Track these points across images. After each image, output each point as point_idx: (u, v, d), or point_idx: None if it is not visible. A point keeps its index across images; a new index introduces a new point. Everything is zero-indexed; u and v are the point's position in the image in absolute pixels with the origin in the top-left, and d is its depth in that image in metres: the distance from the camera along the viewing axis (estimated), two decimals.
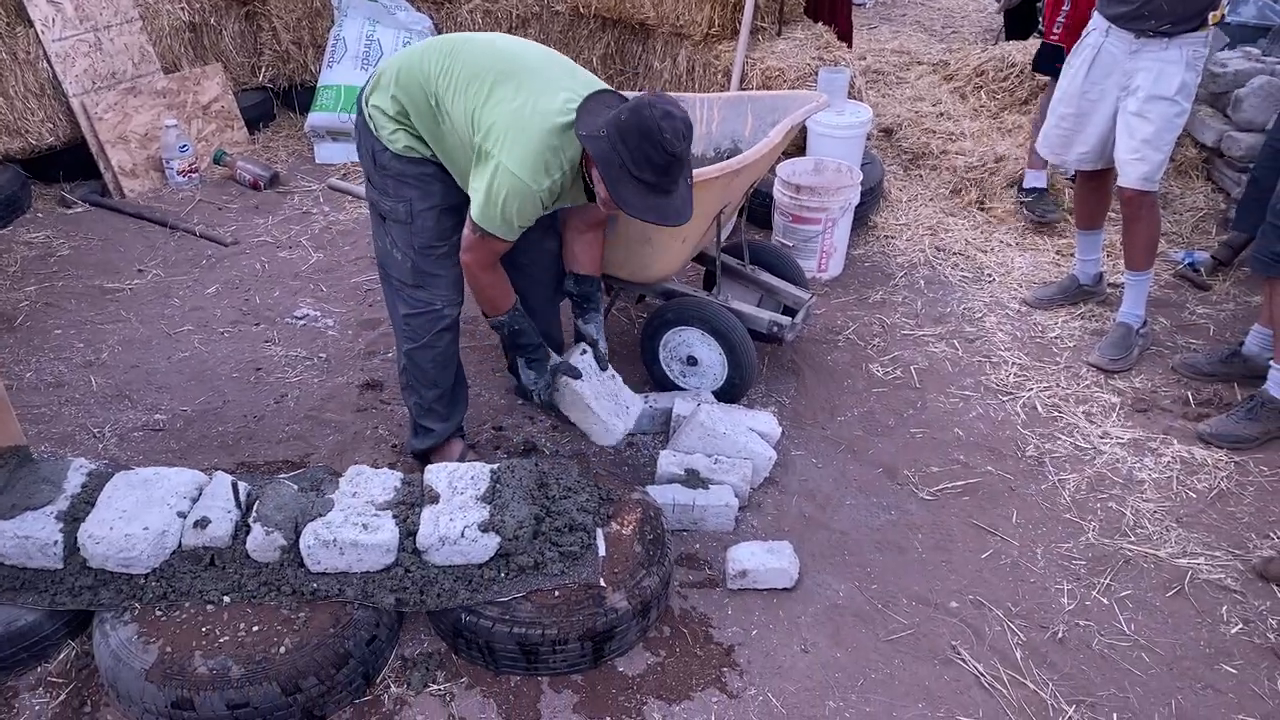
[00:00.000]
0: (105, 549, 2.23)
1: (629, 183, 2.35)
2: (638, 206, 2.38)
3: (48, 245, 4.36)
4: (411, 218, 2.65)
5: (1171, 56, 3.27)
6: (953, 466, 3.11)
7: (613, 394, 2.98)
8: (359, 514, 2.33)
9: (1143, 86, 3.33)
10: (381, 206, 2.69)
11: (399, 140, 2.59)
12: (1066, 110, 3.59)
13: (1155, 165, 3.39)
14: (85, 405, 3.30)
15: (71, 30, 4.64)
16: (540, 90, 2.44)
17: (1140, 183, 3.41)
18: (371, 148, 2.64)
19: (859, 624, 2.52)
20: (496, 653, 2.28)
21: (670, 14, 4.94)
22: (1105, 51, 3.40)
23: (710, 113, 3.60)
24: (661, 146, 2.29)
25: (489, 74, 2.46)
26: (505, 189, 2.39)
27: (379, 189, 2.68)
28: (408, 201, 2.64)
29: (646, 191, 2.37)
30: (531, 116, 2.40)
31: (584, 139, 2.33)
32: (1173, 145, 3.42)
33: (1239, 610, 2.58)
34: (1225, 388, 3.45)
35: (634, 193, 2.36)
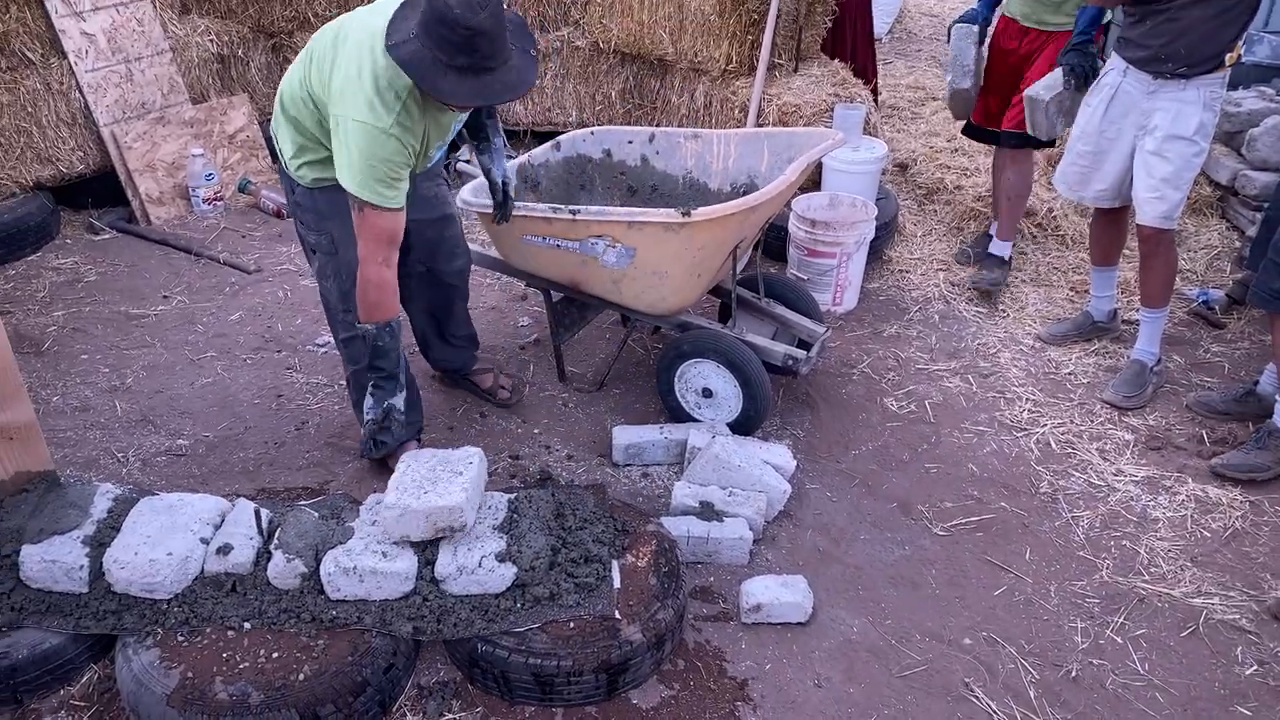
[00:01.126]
0: (130, 574, 2.27)
1: (446, 74, 2.26)
2: (460, 94, 2.29)
3: (76, 271, 4.45)
4: (335, 247, 2.76)
5: (1189, 97, 3.30)
6: (966, 502, 3.12)
7: None
8: (379, 542, 2.37)
9: (1161, 126, 3.36)
10: (308, 240, 2.82)
11: (306, 175, 2.67)
12: (1084, 148, 3.62)
13: (1173, 204, 3.41)
14: (110, 430, 3.36)
15: (104, 62, 4.76)
16: (360, 31, 2.41)
17: (1159, 220, 3.43)
18: (291, 187, 2.76)
19: (872, 659, 2.53)
20: (512, 683, 2.30)
21: (689, 50, 5.02)
22: (1123, 91, 3.44)
23: (727, 148, 3.66)
24: (456, 24, 2.20)
25: (329, 46, 2.49)
26: (358, 141, 2.33)
27: (302, 223, 2.80)
28: (328, 234, 2.75)
29: (468, 76, 2.28)
30: (358, 60, 2.36)
31: (391, 50, 2.27)
32: (1191, 184, 3.45)
33: (1254, 652, 2.57)
34: (1240, 426, 3.45)
35: (453, 82, 2.27)
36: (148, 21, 4.90)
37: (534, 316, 4.14)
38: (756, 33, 4.78)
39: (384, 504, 2.33)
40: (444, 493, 2.33)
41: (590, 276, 3.23)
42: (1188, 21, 3.19)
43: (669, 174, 3.74)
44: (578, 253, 3.16)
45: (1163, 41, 3.26)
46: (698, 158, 3.70)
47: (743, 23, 4.78)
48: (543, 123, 5.79)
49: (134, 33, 4.85)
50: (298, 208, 2.76)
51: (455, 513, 2.31)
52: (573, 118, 5.68)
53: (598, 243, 3.10)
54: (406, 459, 2.49)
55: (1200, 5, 3.15)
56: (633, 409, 3.54)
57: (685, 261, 3.08)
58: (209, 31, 5.28)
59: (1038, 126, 3.77)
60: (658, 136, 3.74)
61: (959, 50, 4.09)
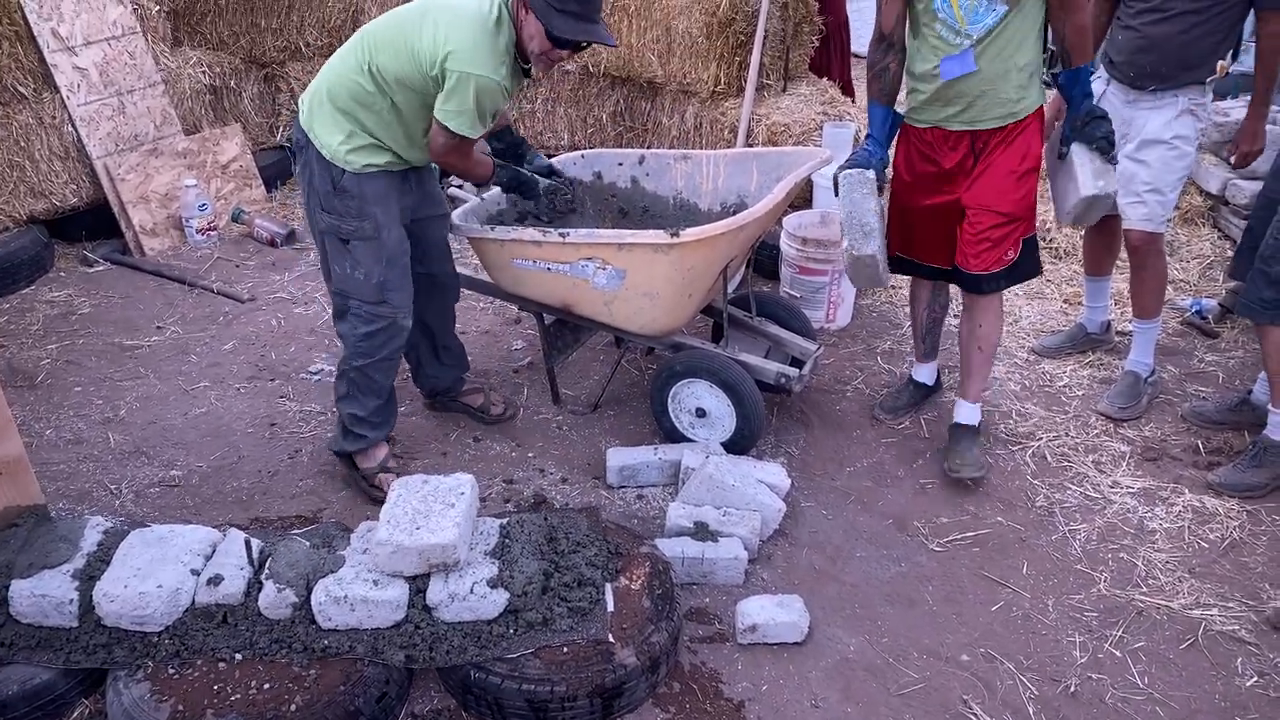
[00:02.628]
0: (119, 607, 2.26)
1: (558, 17, 2.63)
2: (573, 30, 2.66)
3: (69, 304, 4.46)
4: (378, 231, 2.90)
5: (1167, 102, 3.33)
6: (962, 517, 3.11)
7: None
8: (370, 570, 2.36)
9: (1139, 132, 3.40)
10: (344, 229, 2.90)
11: (357, 159, 2.84)
12: None
13: (1155, 207, 3.42)
14: (103, 462, 3.35)
15: (96, 95, 4.79)
16: (455, 5, 2.73)
17: (1142, 223, 3.44)
18: (329, 174, 2.86)
19: (870, 678, 2.51)
20: (505, 710, 2.28)
21: (677, 72, 5.05)
22: (1106, 99, 3.47)
23: (716, 169, 3.67)
24: None
25: (402, 19, 2.77)
26: (479, 92, 2.67)
27: (338, 213, 2.89)
28: (372, 218, 2.88)
29: (575, 19, 2.65)
30: (470, 23, 2.67)
31: None
32: (1177, 189, 3.46)
33: (1254, 663, 2.55)
34: (1235, 435, 3.44)
35: (566, 23, 2.64)
36: (139, 54, 4.94)
37: (527, 340, 4.14)
38: (744, 53, 4.81)
39: (376, 539, 2.32)
40: (436, 528, 2.32)
41: (582, 299, 3.23)
42: (1157, 37, 3.24)
43: (659, 195, 3.75)
44: (569, 275, 3.17)
45: (1137, 57, 3.31)
46: (687, 178, 3.71)
47: (730, 44, 4.81)
48: (535, 146, 5.80)
49: (126, 66, 4.89)
50: (342, 194, 2.86)
51: (448, 550, 2.30)
52: (565, 141, 5.71)
53: (588, 265, 3.11)
54: (398, 487, 2.48)
55: (1166, 23, 3.19)
56: (627, 430, 3.53)
57: (676, 282, 3.08)
58: (201, 63, 5.32)
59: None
60: (648, 158, 3.76)
61: (854, 205, 3.01)
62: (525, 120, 5.75)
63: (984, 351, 3.21)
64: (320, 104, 2.86)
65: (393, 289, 2.97)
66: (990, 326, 3.18)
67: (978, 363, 3.22)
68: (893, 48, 2.99)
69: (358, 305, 2.99)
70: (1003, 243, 3.01)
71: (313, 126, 2.87)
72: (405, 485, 2.48)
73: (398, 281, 2.99)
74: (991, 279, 3.07)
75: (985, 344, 3.20)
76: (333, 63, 2.89)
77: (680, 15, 4.90)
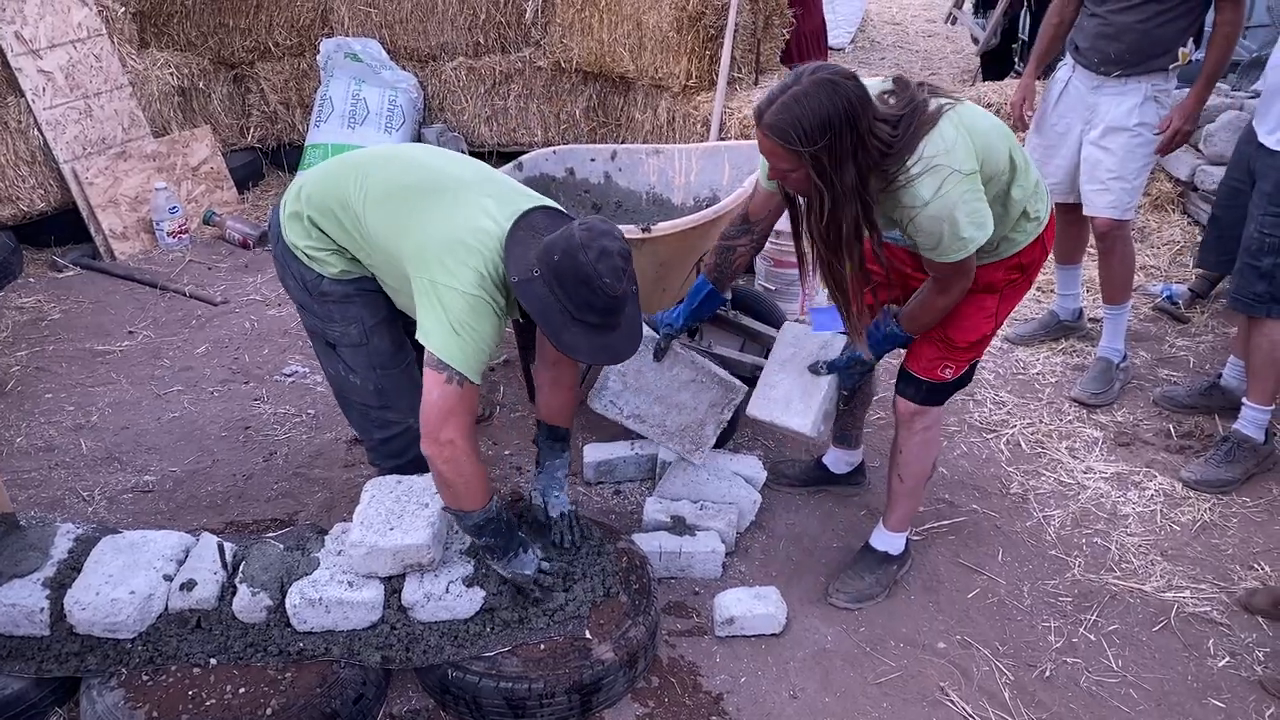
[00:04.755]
0: (91, 614, 2.23)
1: (572, 327, 2.16)
2: (585, 350, 2.21)
3: (39, 310, 4.41)
4: (366, 338, 2.52)
5: (1131, 89, 3.36)
6: (938, 505, 3.13)
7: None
8: (344, 571, 2.35)
9: (1103, 119, 3.42)
10: (329, 334, 2.54)
11: (333, 265, 2.44)
12: (1036, 141, 3.68)
13: (1119, 194, 3.44)
14: (75, 469, 3.32)
15: (62, 98, 4.73)
16: (466, 199, 2.27)
17: (1107, 210, 3.47)
18: (302, 277, 2.48)
19: (847, 667, 2.52)
20: (484, 708, 2.27)
21: (649, 67, 5.05)
22: (1072, 85, 3.50)
23: (689, 163, 3.68)
24: (603, 291, 2.09)
25: (409, 190, 2.30)
26: (468, 313, 2.15)
27: (321, 317, 2.52)
28: (359, 321, 2.50)
29: (592, 332, 2.18)
30: (467, 229, 2.20)
31: (518, 286, 2.13)
32: (1143, 175, 3.48)
33: (1225, 643, 2.58)
34: (1206, 419, 3.48)
35: (579, 336, 2.17)
36: (105, 57, 4.89)
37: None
38: (715, 47, 4.81)
39: (350, 541, 2.31)
40: (410, 529, 2.31)
41: None
42: (1121, 25, 3.26)
43: (632, 190, 3.75)
44: None
45: (1100, 43, 3.34)
46: (660, 173, 3.72)
47: (701, 38, 4.81)
48: (509, 144, 5.80)
49: (92, 68, 4.83)
50: (322, 298, 2.48)
51: (422, 550, 2.29)
52: (538, 137, 5.70)
53: None
54: (370, 488, 2.47)
55: (1130, 11, 3.22)
56: (604, 427, 3.52)
57: (649, 276, 3.08)
58: (168, 65, 5.28)
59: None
60: (620, 153, 3.75)
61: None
62: (498, 118, 5.74)
63: (905, 483, 2.69)
64: (300, 209, 2.45)
65: (393, 394, 2.59)
66: (912, 456, 2.66)
67: (898, 492, 2.72)
68: (750, 233, 2.62)
69: (363, 408, 2.66)
70: (940, 362, 2.55)
71: (287, 229, 2.48)
72: (379, 486, 2.47)
73: (398, 387, 2.59)
74: (910, 383, 2.61)
75: (906, 474, 2.68)
76: (328, 168, 2.48)
77: (650, 10, 4.90)
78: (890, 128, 2.05)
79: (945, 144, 2.09)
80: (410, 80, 5.62)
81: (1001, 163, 2.24)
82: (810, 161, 2.02)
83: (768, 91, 2.07)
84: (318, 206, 2.40)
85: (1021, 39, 7.07)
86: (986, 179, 2.20)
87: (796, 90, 1.99)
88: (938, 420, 2.67)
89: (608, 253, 2.09)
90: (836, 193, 2.05)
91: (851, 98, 1.98)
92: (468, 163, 2.47)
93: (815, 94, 1.97)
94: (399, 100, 5.50)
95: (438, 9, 5.58)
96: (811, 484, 3.18)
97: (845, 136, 1.99)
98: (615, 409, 2.82)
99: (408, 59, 5.78)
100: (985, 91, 5.94)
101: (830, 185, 2.04)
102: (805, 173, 2.05)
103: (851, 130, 1.99)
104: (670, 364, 2.77)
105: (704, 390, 2.80)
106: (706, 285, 2.69)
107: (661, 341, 2.75)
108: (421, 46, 5.73)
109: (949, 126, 2.11)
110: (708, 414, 2.84)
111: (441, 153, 2.50)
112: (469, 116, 5.79)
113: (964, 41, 8.80)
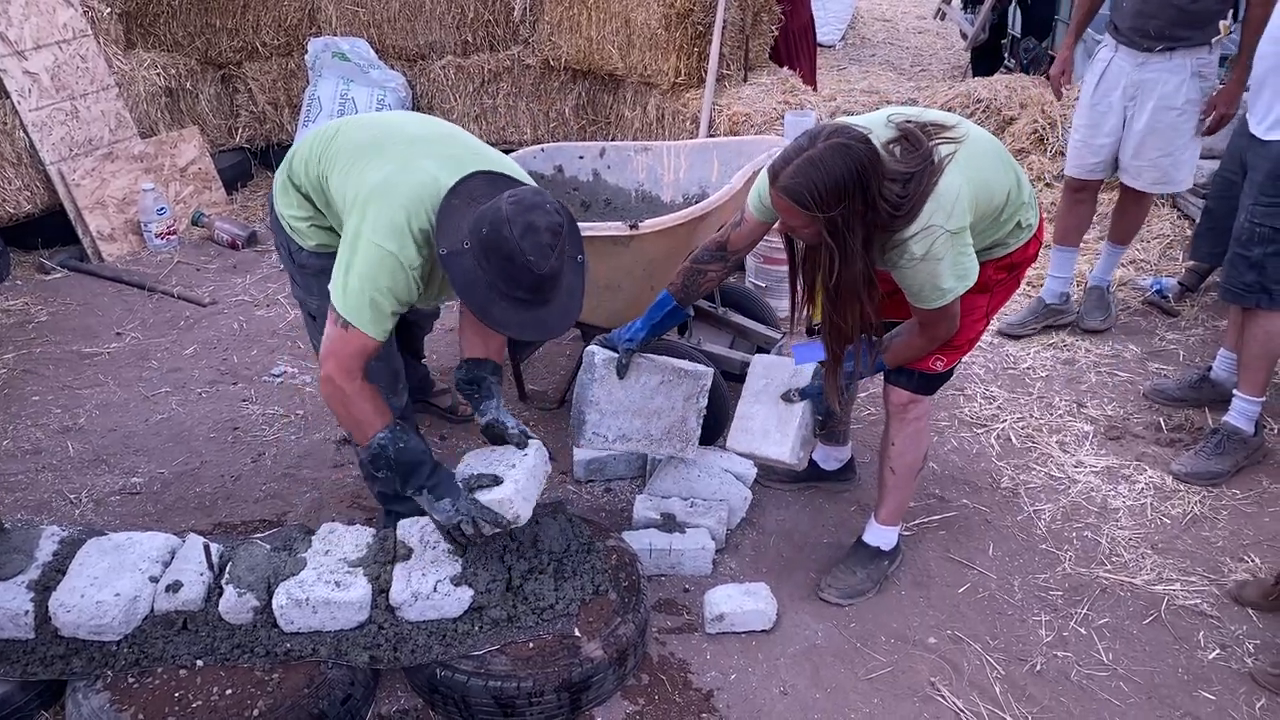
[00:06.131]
0: (76, 617, 2.22)
1: (500, 302, 2.10)
2: (515, 325, 2.15)
3: (26, 312, 4.38)
4: None
5: (1176, 64, 3.48)
6: (929, 501, 3.12)
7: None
8: (331, 572, 2.33)
9: (1150, 97, 3.55)
10: (310, 305, 2.57)
11: (311, 238, 2.46)
12: (1080, 123, 3.80)
13: (1166, 170, 3.64)
14: (62, 471, 3.30)
15: (48, 100, 4.71)
16: (408, 156, 2.23)
17: (1153, 187, 3.71)
18: (288, 246, 2.52)
19: (838, 663, 2.52)
20: (473, 707, 2.26)
21: (638, 64, 5.04)
22: (1114, 65, 3.62)
23: (678, 160, 3.67)
24: (528, 269, 2.04)
25: (362, 147, 2.29)
26: (369, 263, 2.11)
27: (304, 288, 2.55)
28: None
29: (521, 306, 2.12)
30: (398, 183, 2.16)
31: (445, 259, 2.09)
32: (1190, 149, 3.64)
33: (1216, 636, 2.58)
34: (1196, 412, 3.49)
35: (508, 310, 2.11)
36: (91, 58, 4.86)
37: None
38: (703, 44, 4.81)
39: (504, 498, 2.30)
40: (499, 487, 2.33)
41: None
42: (1159, 2, 3.39)
43: (621, 188, 3.75)
44: None
45: (1140, 20, 3.45)
46: (649, 170, 3.71)
47: (689, 35, 4.81)
48: (498, 142, 5.78)
49: (78, 69, 4.81)
50: (302, 270, 2.52)
51: (505, 504, 2.29)
52: (528, 135, 5.69)
53: None
54: (468, 457, 2.48)
55: None
56: None
57: (637, 274, 3.07)
58: (155, 65, 5.25)
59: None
60: (608, 151, 3.75)
61: (580, 389, 2.78)
62: (487, 116, 5.73)
63: (896, 475, 2.68)
64: (286, 177, 2.49)
65: (370, 371, 2.40)
66: (903, 447, 2.65)
67: (889, 484, 2.70)
68: (724, 261, 2.59)
69: None
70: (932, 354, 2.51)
71: (276, 197, 2.52)
72: (475, 455, 2.49)
73: (374, 365, 2.42)
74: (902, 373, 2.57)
75: (897, 466, 2.67)
76: (310, 135, 2.47)
77: (639, 7, 4.89)
78: (900, 186, 2.10)
79: (945, 203, 2.13)
80: (399, 79, 5.61)
81: (1001, 192, 2.30)
82: (824, 223, 2.07)
83: (783, 151, 2.12)
84: (302, 172, 2.42)
85: (1011, 34, 7.09)
86: (984, 213, 2.27)
87: (812, 154, 2.04)
88: (928, 411, 2.67)
89: (534, 228, 2.02)
90: (846, 252, 2.11)
91: (864, 161, 2.04)
92: (429, 122, 2.44)
93: (830, 159, 2.02)
94: (388, 99, 5.48)
95: (425, 7, 5.57)
96: (801, 481, 3.17)
97: (857, 199, 2.05)
98: (600, 439, 2.81)
99: (396, 58, 5.77)
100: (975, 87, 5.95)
101: (841, 244, 2.10)
102: (817, 230, 2.11)
103: (863, 194, 2.05)
104: (635, 376, 2.75)
105: (675, 387, 2.80)
106: (670, 302, 2.65)
107: (623, 358, 2.70)
108: (409, 45, 5.72)
109: (953, 177, 2.15)
110: (685, 408, 2.83)
111: (409, 115, 2.49)
112: (458, 115, 5.78)
113: (954, 37, 8.81)
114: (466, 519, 2.27)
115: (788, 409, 2.63)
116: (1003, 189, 2.29)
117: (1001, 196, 2.29)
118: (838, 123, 2.13)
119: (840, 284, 2.18)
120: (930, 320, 2.33)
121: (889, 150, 2.13)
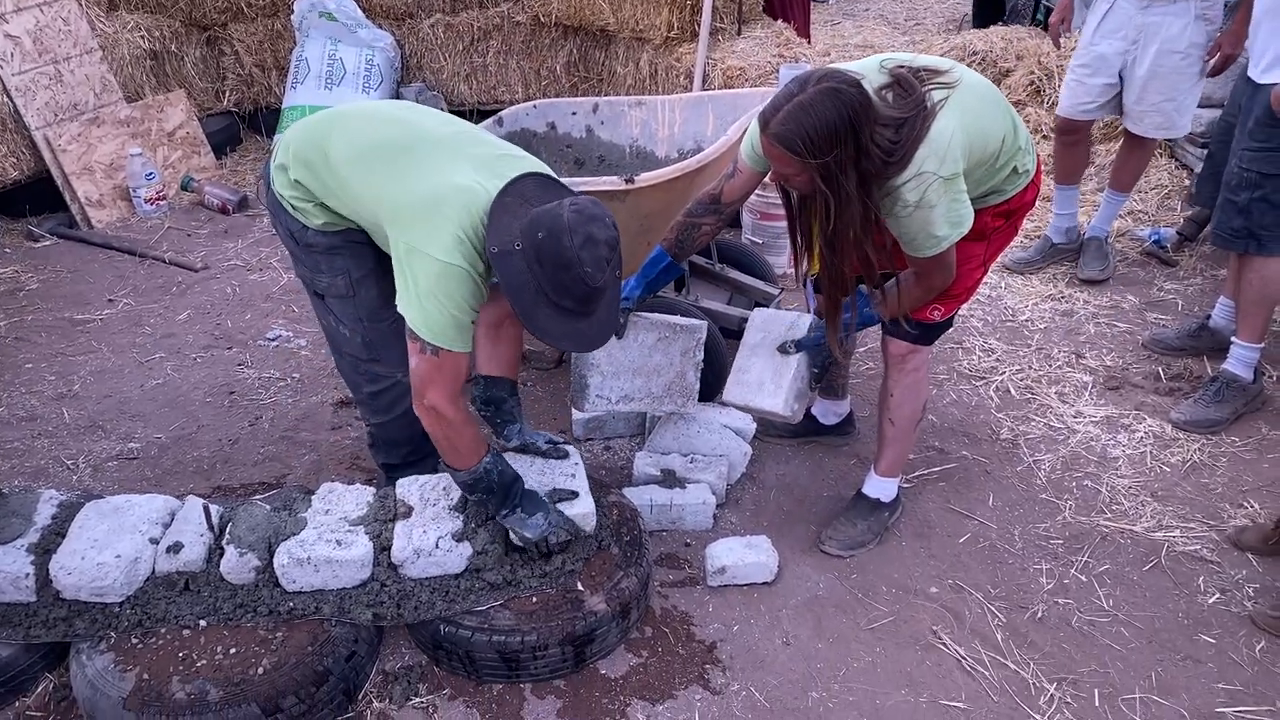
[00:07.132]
0: (77, 579, 2.21)
1: (546, 308, 2.08)
2: (557, 334, 2.13)
3: (16, 280, 4.34)
4: (353, 288, 2.46)
5: (1180, 8, 3.46)
6: (928, 453, 3.12)
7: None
8: (332, 531, 2.33)
9: (1154, 41, 3.54)
10: (317, 284, 2.49)
11: (317, 216, 2.36)
12: (1078, 64, 3.79)
13: (1169, 114, 3.63)
14: (59, 438, 3.28)
15: (30, 64, 4.63)
16: (445, 161, 2.21)
17: (1155, 131, 3.70)
18: (289, 227, 2.42)
19: (840, 614, 2.52)
20: (477, 662, 2.27)
21: (629, 19, 4.96)
22: (1119, 8, 3.60)
23: (673, 114, 3.62)
24: (583, 280, 2.03)
25: (383, 147, 2.24)
26: (440, 280, 2.08)
27: (310, 267, 2.47)
28: (345, 273, 2.43)
29: (566, 316, 2.10)
30: (447, 194, 2.12)
31: (496, 257, 2.06)
32: (1193, 94, 3.64)
33: (1216, 580, 2.59)
34: (1195, 361, 3.48)
35: (552, 319, 2.10)
36: (74, 20, 4.78)
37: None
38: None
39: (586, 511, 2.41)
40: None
41: None
42: None
43: (615, 144, 3.70)
44: None
45: None
46: (643, 125, 3.66)
47: None
48: (489, 101, 5.72)
49: (60, 32, 4.73)
50: (308, 249, 2.42)
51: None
52: (519, 94, 5.61)
53: None
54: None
55: None
56: None
57: (633, 229, 3.03)
58: (139, 27, 5.17)
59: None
60: (601, 106, 3.69)
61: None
62: (477, 75, 5.65)
63: (895, 426, 2.67)
64: (285, 161, 2.38)
65: (381, 346, 2.52)
66: (902, 398, 2.63)
67: (889, 436, 2.69)
68: (718, 214, 2.55)
69: (354, 360, 2.59)
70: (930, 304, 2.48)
71: (274, 180, 2.42)
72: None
73: (385, 339, 2.51)
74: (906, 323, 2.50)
75: (896, 417, 2.66)
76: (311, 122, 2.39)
77: None
78: (892, 132, 2.06)
79: (938, 148, 2.09)
80: (387, 39, 5.52)
81: (997, 137, 2.25)
82: (817, 169, 2.04)
83: (773, 98, 2.07)
84: (300, 161, 2.34)
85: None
86: (980, 159, 2.22)
87: (802, 99, 2.00)
88: (926, 361, 2.66)
89: (594, 240, 2.01)
90: (841, 198, 2.08)
91: (856, 106, 2.00)
92: (445, 119, 2.41)
93: (821, 104, 1.98)
94: (376, 59, 5.40)
95: None
96: (800, 436, 3.16)
97: (849, 145, 2.01)
98: (604, 402, 2.80)
99: (384, 16, 5.67)
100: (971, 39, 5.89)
101: (835, 190, 2.07)
102: (810, 177, 2.07)
103: (855, 139, 2.01)
104: (634, 334, 2.73)
105: (672, 343, 2.78)
106: (665, 258, 2.61)
107: (620, 317, 2.65)
108: (398, 3, 5.62)
109: (946, 122, 2.11)
110: (683, 363, 2.82)
111: (417, 108, 2.44)
112: (448, 74, 5.70)
113: None
114: (555, 531, 2.32)
115: (783, 361, 2.62)
116: (998, 134, 2.25)
117: (997, 142, 2.25)
118: (829, 68, 2.09)
119: (837, 231, 2.15)
120: (926, 269, 2.30)
121: (881, 96, 2.09)
